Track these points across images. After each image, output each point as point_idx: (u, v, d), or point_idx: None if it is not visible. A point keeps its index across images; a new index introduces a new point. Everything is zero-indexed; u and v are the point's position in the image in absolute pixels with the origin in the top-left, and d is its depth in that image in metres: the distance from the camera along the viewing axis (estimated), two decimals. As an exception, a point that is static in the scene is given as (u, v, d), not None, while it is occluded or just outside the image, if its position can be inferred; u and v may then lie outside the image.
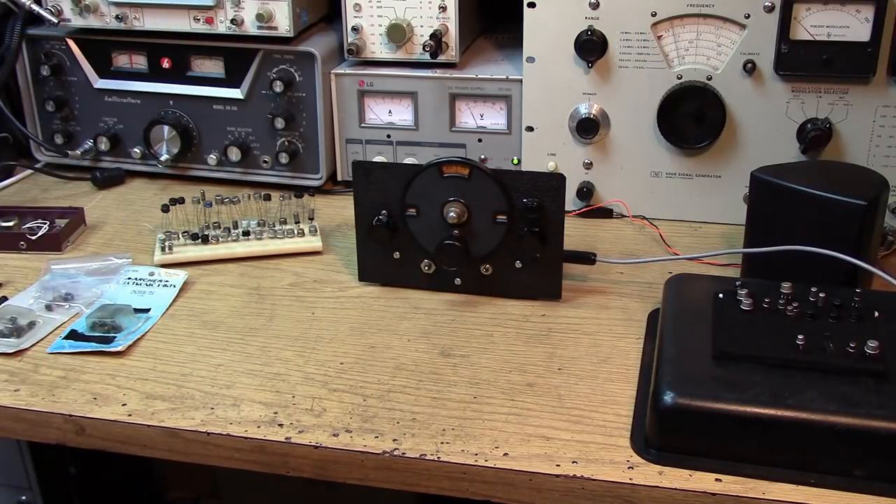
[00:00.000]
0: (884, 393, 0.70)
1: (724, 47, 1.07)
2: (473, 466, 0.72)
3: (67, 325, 0.93)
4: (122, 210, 1.21)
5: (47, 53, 1.27)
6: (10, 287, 1.01)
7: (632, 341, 0.89)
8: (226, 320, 0.95)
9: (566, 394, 0.81)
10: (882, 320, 0.78)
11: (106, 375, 0.85)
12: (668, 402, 0.71)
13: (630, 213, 1.16)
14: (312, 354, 0.88)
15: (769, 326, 0.77)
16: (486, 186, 0.93)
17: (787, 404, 0.69)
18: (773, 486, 0.69)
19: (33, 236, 1.09)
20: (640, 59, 1.10)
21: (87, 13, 1.22)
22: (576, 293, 0.98)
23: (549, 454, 0.73)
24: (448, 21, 1.17)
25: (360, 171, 0.96)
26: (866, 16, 1.01)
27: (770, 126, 1.09)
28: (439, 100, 1.19)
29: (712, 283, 0.86)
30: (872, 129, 1.07)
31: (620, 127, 1.13)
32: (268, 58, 1.20)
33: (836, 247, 0.85)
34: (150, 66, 1.25)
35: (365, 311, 0.96)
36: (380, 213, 0.96)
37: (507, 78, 1.17)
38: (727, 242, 1.09)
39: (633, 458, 0.73)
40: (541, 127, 1.15)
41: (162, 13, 1.20)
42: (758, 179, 0.93)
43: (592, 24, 1.09)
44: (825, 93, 1.06)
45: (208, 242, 1.07)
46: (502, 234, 0.95)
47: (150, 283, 1.01)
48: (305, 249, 1.08)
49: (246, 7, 1.17)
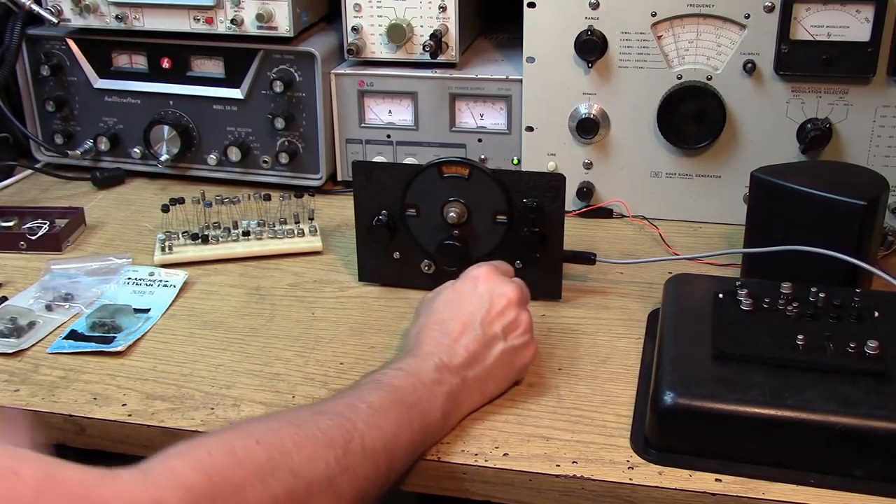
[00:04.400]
0: (884, 393, 0.70)
1: (724, 47, 1.07)
2: (473, 466, 0.72)
3: (67, 326, 0.93)
4: (122, 210, 1.21)
5: (47, 53, 1.27)
6: (10, 287, 1.01)
7: (632, 341, 0.89)
8: (226, 320, 0.95)
9: (566, 394, 0.81)
10: (882, 320, 0.78)
11: (106, 375, 0.85)
12: (668, 402, 0.71)
13: (630, 213, 1.16)
14: (312, 354, 0.88)
15: (769, 326, 0.77)
16: (486, 186, 0.93)
17: (787, 404, 0.69)
18: (773, 486, 0.69)
19: (33, 236, 1.09)
20: (640, 59, 1.10)
21: (87, 13, 1.22)
22: (576, 293, 0.98)
23: (549, 454, 0.73)
24: (448, 21, 1.17)
25: (360, 171, 0.96)
26: (866, 16, 1.01)
27: (770, 126, 1.09)
28: (439, 100, 1.19)
29: (712, 283, 0.86)
30: (872, 129, 1.07)
31: (620, 127, 1.13)
32: (268, 58, 1.20)
33: (836, 247, 0.85)
34: (150, 66, 1.25)
35: (365, 311, 0.96)
36: (380, 213, 0.96)
37: (507, 78, 1.17)
38: (727, 242, 1.09)
39: (632, 459, 0.73)
40: (541, 127, 1.15)
41: (162, 13, 1.20)
42: (758, 179, 0.93)
43: (592, 24, 1.09)
44: (825, 93, 1.06)
45: (208, 242, 1.07)
46: (502, 234, 0.95)
47: (150, 283, 1.01)
48: (305, 249, 1.08)
49: (246, 7, 1.17)
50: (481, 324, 0.78)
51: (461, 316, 0.79)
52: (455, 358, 0.76)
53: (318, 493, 0.60)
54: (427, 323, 0.80)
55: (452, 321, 0.78)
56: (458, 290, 0.81)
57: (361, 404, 0.68)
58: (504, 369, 0.79)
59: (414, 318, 0.84)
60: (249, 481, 0.56)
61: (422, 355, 0.76)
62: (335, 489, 0.62)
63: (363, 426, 0.66)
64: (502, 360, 0.78)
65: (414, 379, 0.72)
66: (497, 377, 0.79)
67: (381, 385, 0.71)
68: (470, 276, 0.83)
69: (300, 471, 0.59)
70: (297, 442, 0.61)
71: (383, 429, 0.67)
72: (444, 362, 0.75)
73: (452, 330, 0.78)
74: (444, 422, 0.74)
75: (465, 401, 0.76)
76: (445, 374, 0.74)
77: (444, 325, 0.78)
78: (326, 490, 0.61)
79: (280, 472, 0.58)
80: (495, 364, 0.78)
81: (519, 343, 0.79)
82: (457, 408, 0.76)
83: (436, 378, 0.74)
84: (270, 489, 0.57)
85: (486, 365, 0.77)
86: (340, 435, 0.64)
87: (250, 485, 0.56)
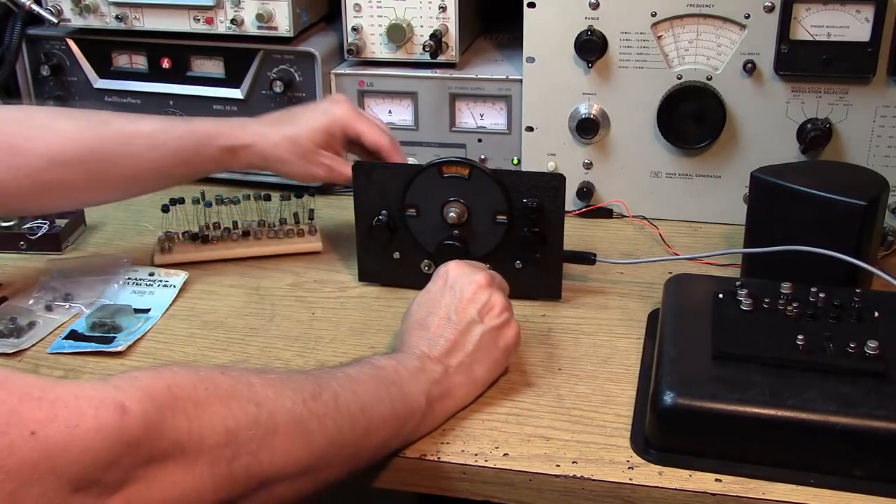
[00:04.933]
0: (884, 393, 0.70)
1: (724, 47, 1.07)
2: (473, 466, 0.73)
3: (67, 326, 0.93)
4: (122, 210, 1.21)
5: (47, 53, 1.27)
6: (10, 287, 1.01)
7: (632, 341, 0.89)
8: (226, 320, 0.95)
9: (566, 394, 0.81)
10: (882, 320, 0.78)
11: (106, 376, 0.84)
12: (668, 403, 0.71)
13: (630, 213, 1.16)
14: (312, 355, 0.88)
15: (769, 326, 0.77)
16: (486, 186, 0.93)
17: (787, 404, 0.69)
18: (773, 486, 0.69)
19: (33, 236, 1.09)
20: (640, 59, 1.10)
21: (87, 13, 1.22)
22: (576, 293, 0.98)
23: (549, 454, 0.73)
24: (448, 21, 1.17)
25: (360, 172, 0.96)
26: (866, 16, 1.01)
27: (770, 126, 1.09)
28: (439, 100, 1.19)
29: (712, 283, 0.86)
30: (872, 129, 1.07)
31: (620, 127, 1.13)
32: (268, 58, 1.20)
33: (836, 247, 0.85)
34: (150, 66, 1.25)
35: (365, 312, 0.96)
36: (380, 213, 0.96)
37: (507, 78, 1.17)
38: (727, 242, 1.09)
39: (632, 459, 0.73)
40: (541, 127, 1.15)
41: (162, 13, 1.20)
42: (758, 179, 0.93)
43: (592, 24, 1.09)
44: (825, 93, 1.06)
45: (208, 242, 1.07)
46: (502, 234, 0.95)
47: (150, 284, 1.01)
48: (305, 249, 1.08)
49: (246, 7, 1.17)
50: (456, 311, 0.79)
51: (437, 311, 0.80)
52: (435, 349, 0.77)
53: (285, 429, 0.60)
54: (407, 327, 0.81)
55: (430, 318, 0.80)
56: (430, 290, 0.83)
57: (339, 372, 0.70)
58: (488, 351, 0.79)
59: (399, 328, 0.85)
60: (210, 402, 0.56)
61: (405, 349, 0.78)
62: (304, 430, 0.62)
63: (337, 386, 0.67)
64: (483, 342, 0.79)
65: (396, 363, 0.74)
66: (483, 360, 0.79)
67: (363, 363, 0.73)
68: (439, 273, 0.84)
69: (263, 402, 0.60)
70: (262, 381, 0.62)
71: (359, 394, 0.68)
72: (425, 352, 0.77)
73: (431, 325, 0.79)
74: (430, 409, 0.74)
75: (455, 389, 0.77)
76: (427, 363, 0.76)
77: (423, 323, 0.80)
78: (294, 429, 0.61)
79: (242, 399, 0.59)
80: (477, 347, 0.79)
81: (498, 323, 0.80)
82: (444, 396, 0.76)
83: (418, 366, 0.75)
84: (232, 412, 0.57)
85: (468, 350, 0.78)
86: (310, 385, 0.65)
87: (211, 405, 0.56)
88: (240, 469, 0.57)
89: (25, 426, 0.47)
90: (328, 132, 1.00)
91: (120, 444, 0.50)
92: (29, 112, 0.93)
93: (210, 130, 0.98)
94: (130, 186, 0.98)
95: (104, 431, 0.49)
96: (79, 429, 0.49)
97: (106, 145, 0.92)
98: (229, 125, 0.99)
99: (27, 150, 0.88)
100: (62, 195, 0.93)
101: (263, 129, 0.99)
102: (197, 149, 0.97)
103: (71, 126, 0.91)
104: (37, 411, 0.48)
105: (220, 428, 0.56)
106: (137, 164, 0.94)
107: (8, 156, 0.88)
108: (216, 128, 0.98)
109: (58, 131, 0.90)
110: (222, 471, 0.56)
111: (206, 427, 0.55)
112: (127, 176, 0.95)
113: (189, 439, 0.54)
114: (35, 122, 0.91)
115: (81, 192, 0.94)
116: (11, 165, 0.87)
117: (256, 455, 0.58)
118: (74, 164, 0.90)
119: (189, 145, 0.96)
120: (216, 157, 0.98)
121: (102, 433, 0.49)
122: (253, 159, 0.99)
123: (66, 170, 0.90)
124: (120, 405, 0.51)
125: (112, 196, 1.00)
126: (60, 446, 0.48)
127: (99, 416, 0.50)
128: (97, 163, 0.92)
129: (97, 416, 0.50)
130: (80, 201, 1.01)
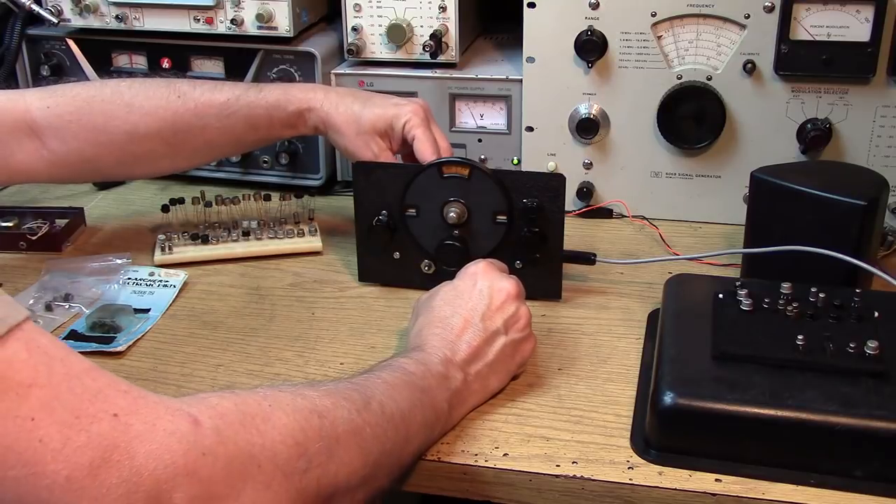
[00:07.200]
0: (884, 393, 0.70)
1: (724, 47, 1.07)
2: (473, 466, 0.72)
3: (67, 326, 0.93)
4: (122, 210, 1.21)
5: (47, 53, 1.27)
6: (10, 287, 1.01)
7: (632, 341, 0.89)
8: (226, 320, 0.95)
9: (566, 394, 0.81)
10: (882, 320, 0.78)
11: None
12: (668, 403, 0.71)
13: (630, 213, 1.16)
14: (312, 355, 0.88)
15: (769, 326, 0.77)
16: (486, 187, 0.93)
17: (787, 404, 0.69)
18: (773, 486, 0.69)
19: (33, 236, 1.09)
20: (640, 59, 1.10)
21: (87, 13, 1.22)
22: (576, 293, 0.98)
23: (549, 454, 0.73)
24: (448, 21, 1.17)
25: (360, 172, 0.96)
26: (866, 16, 1.01)
27: (770, 126, 1.09)
28: (439, 100, 1.19)
29: (712, 283, 0.86)
30: (872, 129, 1.07)
31: (620, 127, 1.13)
32: (268, 58, 1.20)
33: (836, 247, 0.85)
34: (150, 66, 1.25)
35: (365, 312, 0.96)
36: (380, 213, 0.96)
37: (507, 78, 1.17)
38: (727, 242, 1.09)
39: (632, 459, 0.73)
40: (541, 127, 1.15)
41: (162, 13, 1.20)
42: (758, 179, 0.93)
43: (592, 24, 1.09)
44: (825, 93, 1.06)
45: (208, 242, 1.07)
46: (502, 234, 0.95)
47: (150, 284, 1.01)
48: (305, 249, 1.08)
49: (246, 7, 1.17)
50: (482, 319, 0.78)
51: (462, 312, 0.79)
52: (458, 354, 0.76)
53: (345, 440, 0.60)
54: (428, 321, 0.80)
55: (454, 318, 0.79)
56: (457, 287, 0.82)
57: (377, 379, 0.69)
58: (505, 363, 0.79)
59: (412, 318, 0.84)
60: (277, 416, 0.56)
61: (427, 349, 0.76)
62: (361, 439, 0.62)
63: (380, 395, 0.66)
64: (503, 354, 0.79)
65: (423, 368, 0.73)
66: (498, 371, 0.79)
67: (394, 367, 0.72)
68: (468, 272, 0.83)
69: (324, 413, 0.60)
70: (318, 392, 0.62)
71: (398, 401, 0.67)
72: (448, 357, 0.76)
73: (454, 326, 0.78)
74: (449, 414, 0.74)
75: (469, 397, 0.77)
76: (451, 369, 0.75)
77: (446, 322, 0.79)
78: (352, 439, 0.61)
79: (305, 411, 0.59)
80: (497, 359, 0.78)
81: (519, 337, 0.80)
82: (461, 403, 0.76)
83: (442, 372, 0.74)
84: (299, 424, 0.57)
85: (488, 360, 0.78)
86: (359, 395, 0.65)
87: (279, 419, 0.56)
88: (312, 482, 0.57)
89: (109, 408, 0.49)
90: (389, 124, 1.00)
91: (196, 452, 0.50)
92: (118, 90, 1.01)
93: (279, 97, 1.02)
94: (207, 153, 1.07)
95: (179, 435, 0.50)
96: (157, 427, 0.50)
97: (181, 118, 1.00)
98: (300, 89, 1.04)
99: (114, 127, 0.99)
100: (147, 164, 1.04)
101: (331, 96, 1.02)
102: (268, 115, 1.01)
103: (149, 104, 1.00)
104: (121, 399, 0.50)
105: (290, 441, 0.56)
106: (211, 134, 1.02)
107: (96, 134, 0.99)
108: (285, 94, 1.02)
109: (139, 109, 1.00)
110: (297, 485, 0.55)
111: (277, 441, 0.55)
112: (202, 144, 1.03)
113: (262, 454, 0.54)
114: (120, 101, 1.00)
115: (163, 160, 1.04)
116: (99, 143, 1.00)
117: (325, 467, 0.58)
118: (153, 136, 1.00)
119: (260, 112, 1.01)
120: (286, 121, 1.02)
121: (177, 437, 0.50)
122: (317, 123, 1.02)
123: (146, 142, 1.00)
124: (193, 418, 0.52)
125: (190, 163, 1.09)
126: (140, 437, 0.49)
127: (175, 421, 0.51)
128: (173, 134, 1.01)
129: (174, 421, 0.51)
130: (163, 168, 1.09)
